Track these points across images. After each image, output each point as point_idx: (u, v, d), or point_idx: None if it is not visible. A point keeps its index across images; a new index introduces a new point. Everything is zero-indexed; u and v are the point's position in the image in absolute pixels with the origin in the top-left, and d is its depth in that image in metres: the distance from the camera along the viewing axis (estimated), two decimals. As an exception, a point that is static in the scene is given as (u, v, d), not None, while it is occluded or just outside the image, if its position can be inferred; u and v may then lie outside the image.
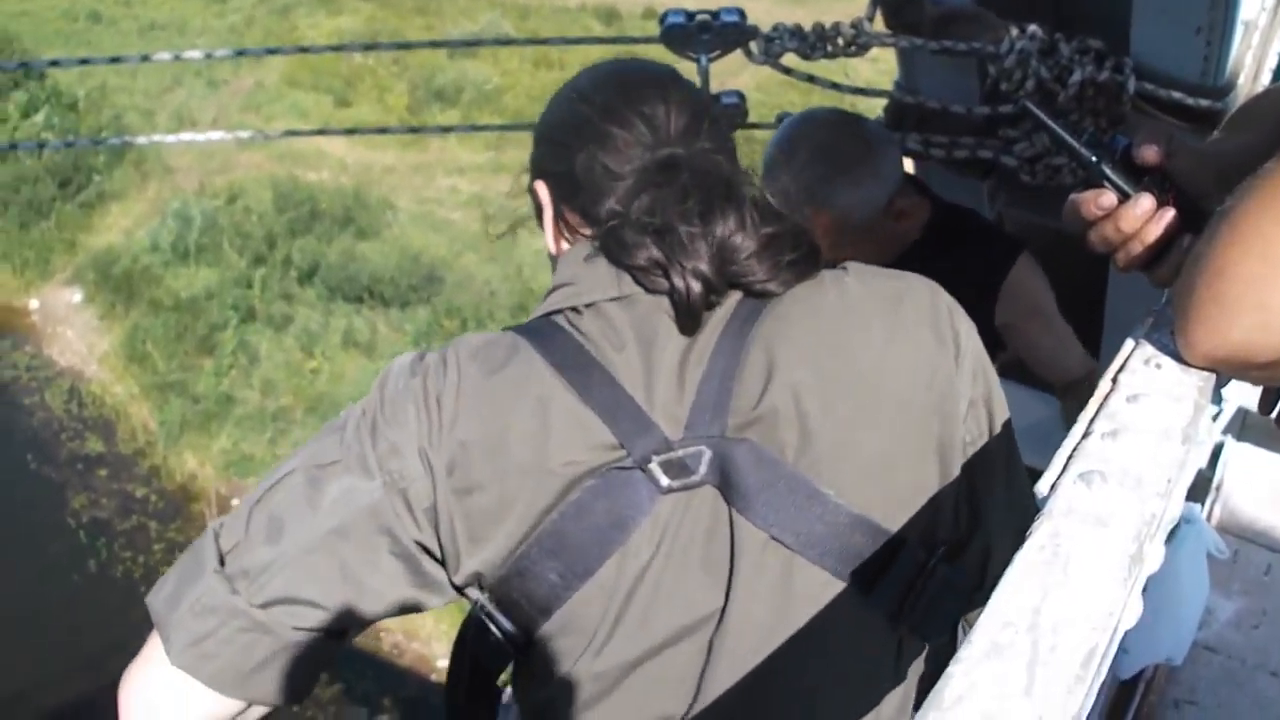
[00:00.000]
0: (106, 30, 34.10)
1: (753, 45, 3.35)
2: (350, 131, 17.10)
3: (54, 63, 6.28)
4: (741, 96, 3.37)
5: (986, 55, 2.69)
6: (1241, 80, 2.62)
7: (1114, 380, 1.41)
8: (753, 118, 3.69)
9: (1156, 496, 1.18)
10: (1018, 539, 1.11)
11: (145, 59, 4.29)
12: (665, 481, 1.55)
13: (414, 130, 26.08)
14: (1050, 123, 1.75)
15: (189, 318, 23.42)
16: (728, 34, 3.28)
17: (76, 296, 25.47)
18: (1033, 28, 2.64)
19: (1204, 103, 2.52)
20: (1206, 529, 4.39)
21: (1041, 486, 1.23)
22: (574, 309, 1.66)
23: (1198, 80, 2.54)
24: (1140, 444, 1.27)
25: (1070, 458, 1.26)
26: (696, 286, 1.60)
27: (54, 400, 23.16)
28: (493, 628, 1.65)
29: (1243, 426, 5.71)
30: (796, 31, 3.38)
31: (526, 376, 1.60)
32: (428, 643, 18.57)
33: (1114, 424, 1.30)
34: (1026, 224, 3.58)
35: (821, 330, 1.64)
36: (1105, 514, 1.14)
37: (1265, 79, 2.82)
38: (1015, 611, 1.01)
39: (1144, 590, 3.93)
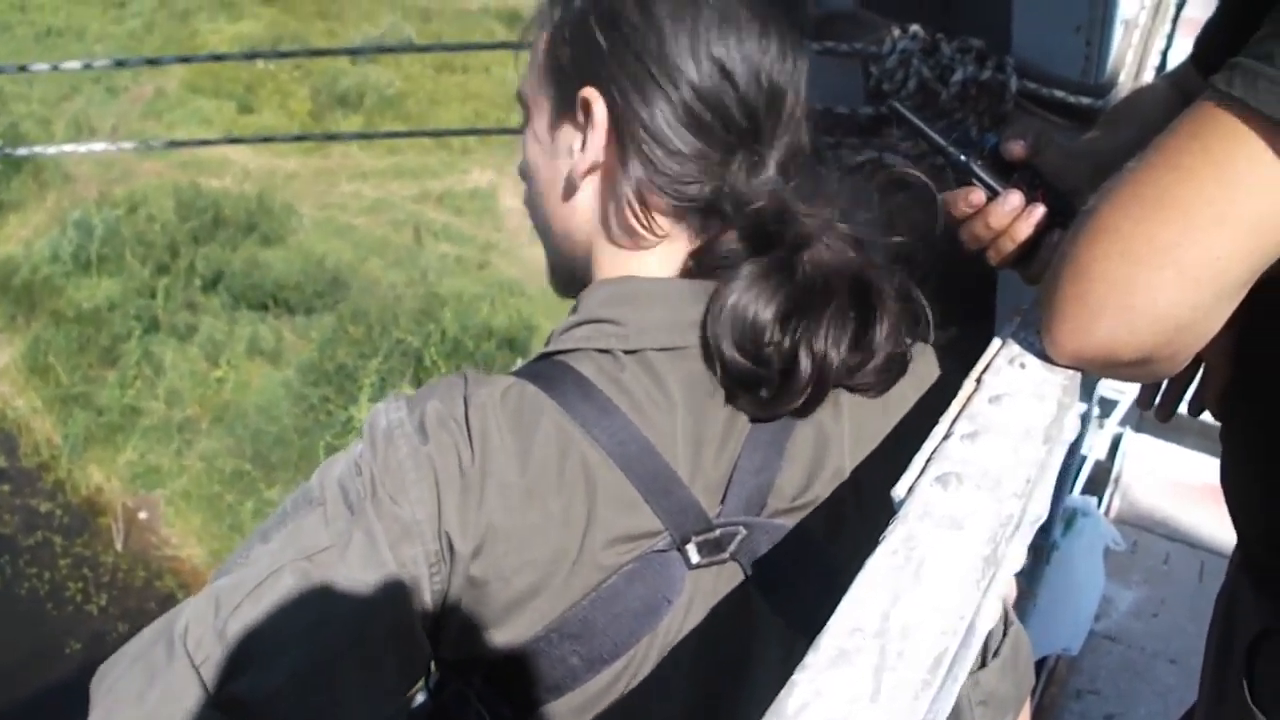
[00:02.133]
0: (1, 36, 33.63)
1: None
2: (268, 140, 16.77)
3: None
4: None
5: (869, 56, 2.70)
6: (1123, 78, 2.66)
7: (978, 380, 1.40)
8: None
9: (1014, 497, 1.17)
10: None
11: (54, 68, 4.32)
12: (696, 559, 1.43)
13: (331, 137, 25.97)
14: (917, 122, 1.76)
15: (91, 329, 23.12)
16: None
17: (-26, 309, 25.12)
18: (914, 28, 2.64)
19: (1085, 100, 2.56)
20: (1103, 522, 4.51)
21: (899, 490, 1.21)
22: (609, 353, 1.44)
23: (1079, 78, 2.57)
24: (1000, 445, 1.26)
25: (929, 460, 1.24)
26: (744, 407, 1.44)
27: (-49, 415, 22.84)
28: (477, 704, 1.48)
29: (1141, 418, 5.85)
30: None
31: (563, 446, 1.37)
32: None
33: (975, 425, 1.29)
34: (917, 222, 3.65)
35: (863, 420, 1.52)
36: (960, 516, 1.14)
37: (1148, 76, 2.86)
38: (864, 617, 1.00)
39: (1038, 583, 4.09)
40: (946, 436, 1.28)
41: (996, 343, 1.48)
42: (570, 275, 1.60)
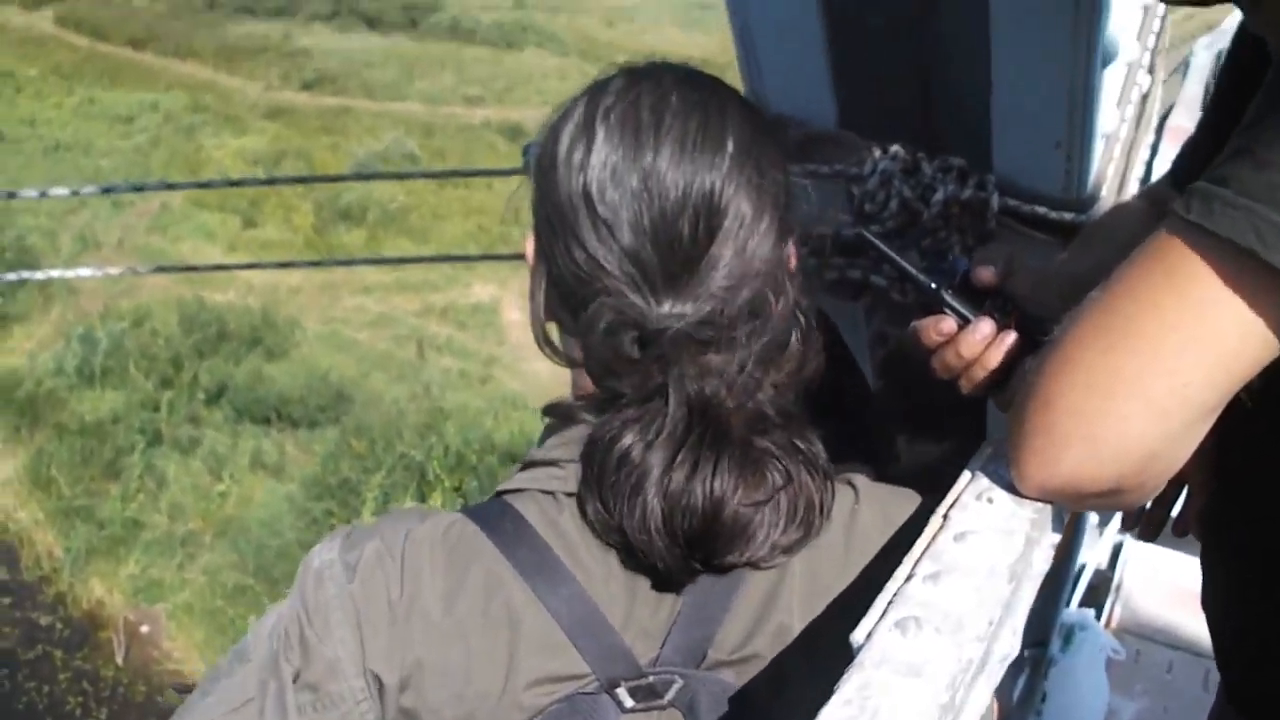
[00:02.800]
0: (10, 150, 34.05)
1: None
2: (289, 265, 16.88)
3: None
4: None
5: (850, 177, 2.67)
6: (1105, 193, 2.62)
7: (945, 517, 1.36)
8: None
9: (976, 640, 1.14)
10: None
11: (75, 193, 4.48)
12: (629, 704, 1.41)
13: (344, 263, 26.22)
14: (887, 251, 1.75)
15: (95, 442, 23.16)
16: None
17: (-22, 421, 25.20)
18: (895, 148, 2.61)
19: (1068, 216, 2.52)
20: (1103, 634, 4.47)
21: (857, 635, 1.17)
22: (552, 495, 1.45)
23: (1060, 194, 2.52)
24: (963, 585, 1.22)
25: (889, 603, 1.20)
26: (671, 565, 1.40)
27: (-46, 528, 22.81)
28: None
29: (1141, 526, 5.77)
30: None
31: (491, 587, 1.40)
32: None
33: (938, 565, 1.25)
34: (907, 339, 3.54)
35: (819, 572, 1.49)
36: (919, 662, 1.10)
37: (1132, 188, 2.87)
38: (817, 771, 0.92)
39: (1041, 699, 4.11)
40: (909, 578, 1.24)
41: (966, 476, 1.45)
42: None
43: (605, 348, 1.37)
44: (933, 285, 1.69)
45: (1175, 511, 1.94)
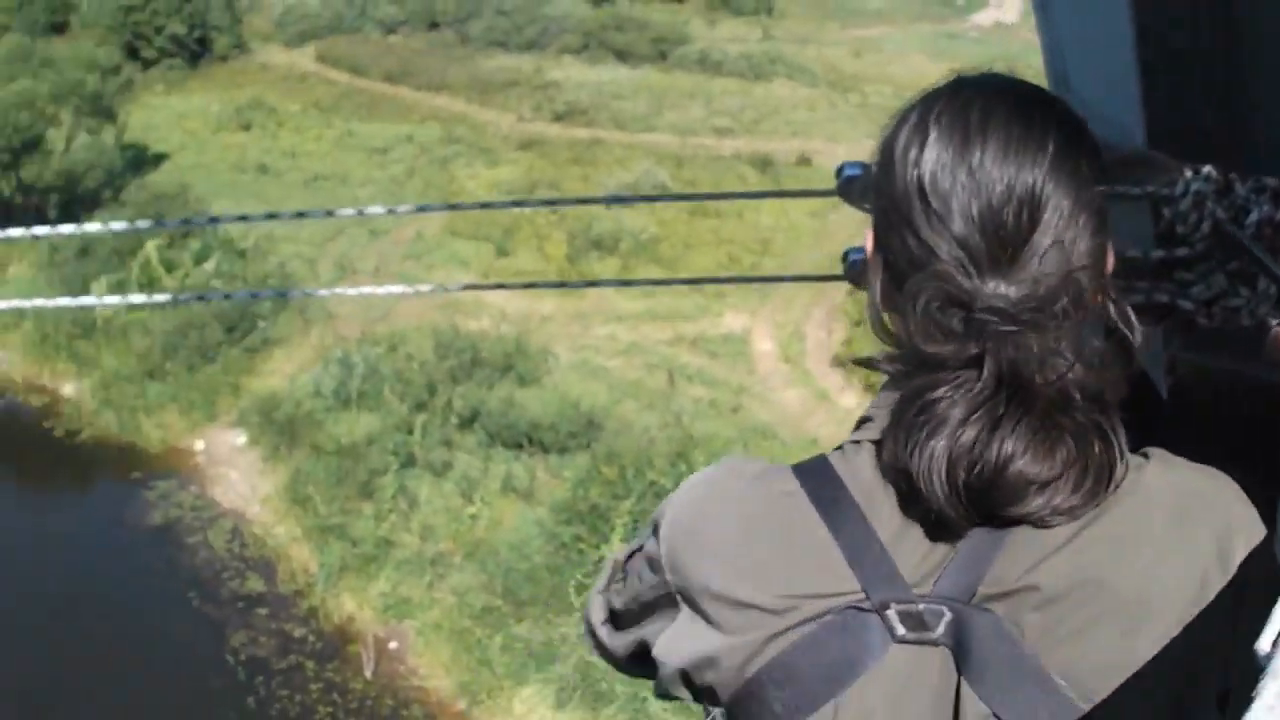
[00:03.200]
0: (273, 181, 35.32)
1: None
2: (561, 284, 17.04)
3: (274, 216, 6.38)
4: None
5: (1160, 198, 2.52)
6: None
7: None
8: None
9: None
10: None
11: (329, 214, 4.33)
12: (900, 631, 1.50)
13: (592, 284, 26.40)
14: (1260, 255, 1.75)
15: (350, 462, 23.73)
16: None
17: (240, 439, 26.06)
18: (1207, 168, 2.46)
19: None
20: None
21: (1263, 644, 1.12)
22: (856, 443, 1.60)
23: None
24: None
25: None
26: (949, 513, 1.48)
27: (217, 540, 23.59)
28: None
29: None
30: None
31: (785, 509, 1.57)
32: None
33: None
34: (1201, 368, 3.48)
35: (1097, 530, 1.52)
36: None
37: None
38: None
39: None
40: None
41: None
42: None
43: (932, 323, 1.49)
44: None
45: None
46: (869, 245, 1.65)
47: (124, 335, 28.98)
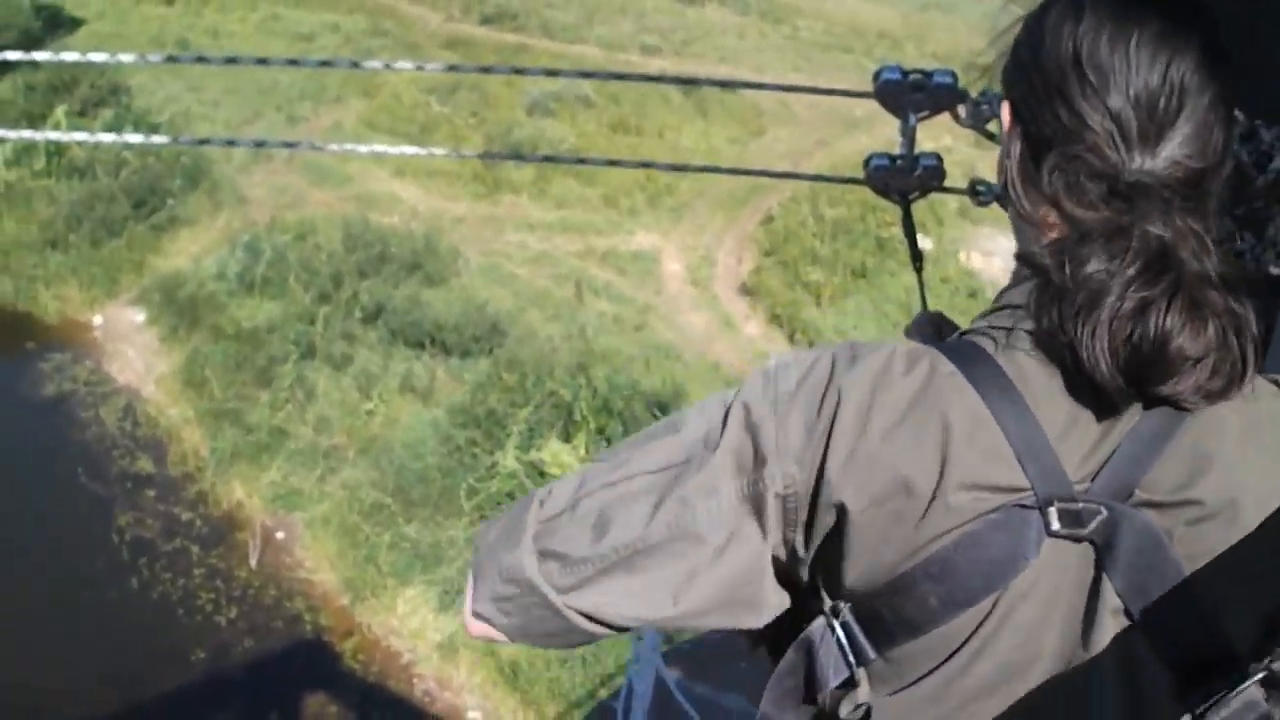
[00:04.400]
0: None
1: (961, 109, 3.29)
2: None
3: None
4: (940, 159, 3.32)
5: None
6: None
7: None
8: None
9: None
10: None
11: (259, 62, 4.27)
12: (1055, 526, 1.53)
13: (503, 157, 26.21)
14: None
15: (249, 348, 23.53)
16: (940, 95, 3.25)
17: (140, 317, 25.69)
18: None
19: None
20: None
21: None
22: (1009, 330, 1.62)
23: None
24: None
25: None
26: (1109, 386, 1.52)
27: (109, 417, 23.31)
28: (839, 636, 1.65)
29: None
30: (1007, 98, 3.37)
31: (946, 397, 1.56)
32: (459, 693, 18.49)
33: None
34: None
35: (1251, 440, 1.58)
36: None
37: None
38: None
39: None
40: None
41: None
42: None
43: (1080, 192, 1.55)
44: None
45: None
46: (1005, 119, 1.70)
47: (27, 202, 28.34)
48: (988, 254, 25.90)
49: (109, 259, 26.81)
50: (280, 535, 20.95)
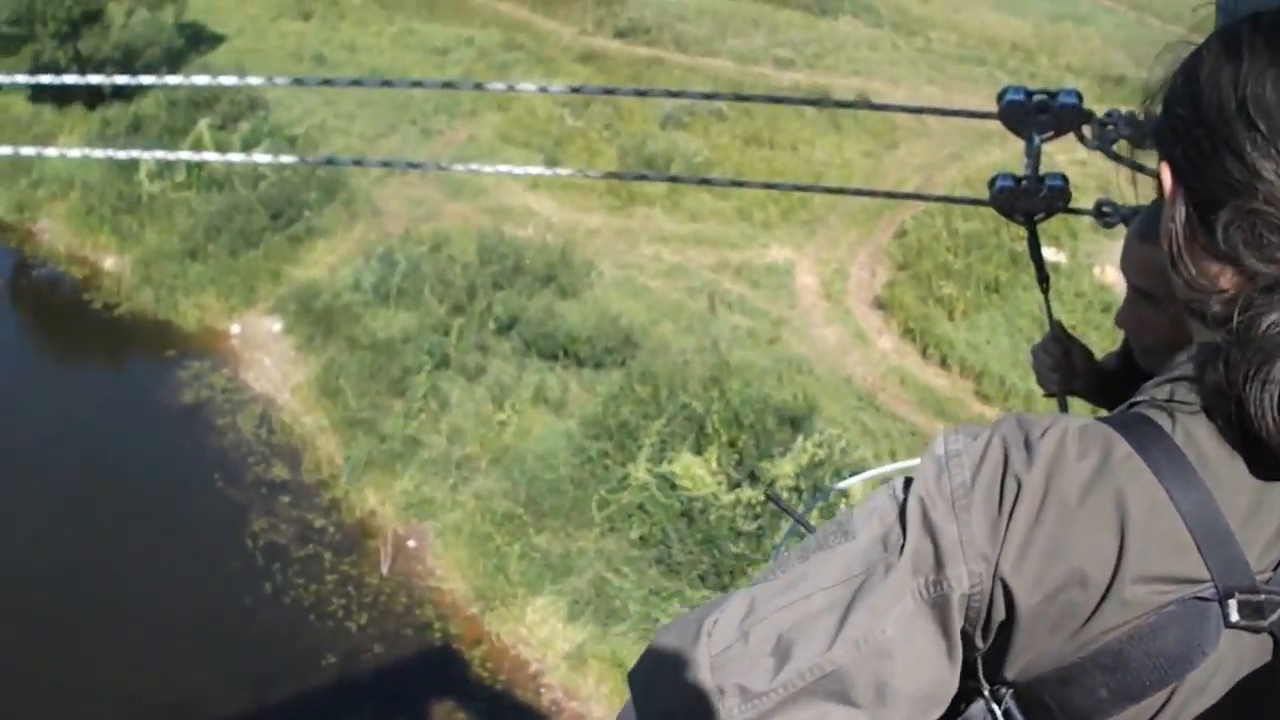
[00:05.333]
0: (329, 72, 35.28)
1: (1086, 129, 3.32)
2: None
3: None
4: (1065, 180, 3.31)
5: None
6: None
7: None
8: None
9: None
10: None
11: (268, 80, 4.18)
12: (1235, 618, 1.43)
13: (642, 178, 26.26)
14: None
15: (384, 358, 23.81)
16: (1064, 115, 3.25)
17: (277, 326, 26.14)
18: None
19: None
20: None
21: None
22: (1184, 404, 1.49)
23: None
24: None
25: None
26: (1276, 440, 1.40)
27: (245, 424, 23.75)
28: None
29: None
30: (1131, 119, 3.33)
31: (1122, 482, 1.44)
32: (586, 702, 18.45)
33: None
34: None
35: None
36: None
37: None
38: None
39: None
40: None
41: None
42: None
43: (1261, 246, 1.43)
44: None
45: None
46: (1166, 182, 1.58)
47: (168, 213, 29.11)
48: (1127, 269, 25.40)
49: (247, 269, 27.38)
50: (412, 543, 21.13)
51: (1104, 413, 1.61)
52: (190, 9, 37.78)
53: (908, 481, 1.54)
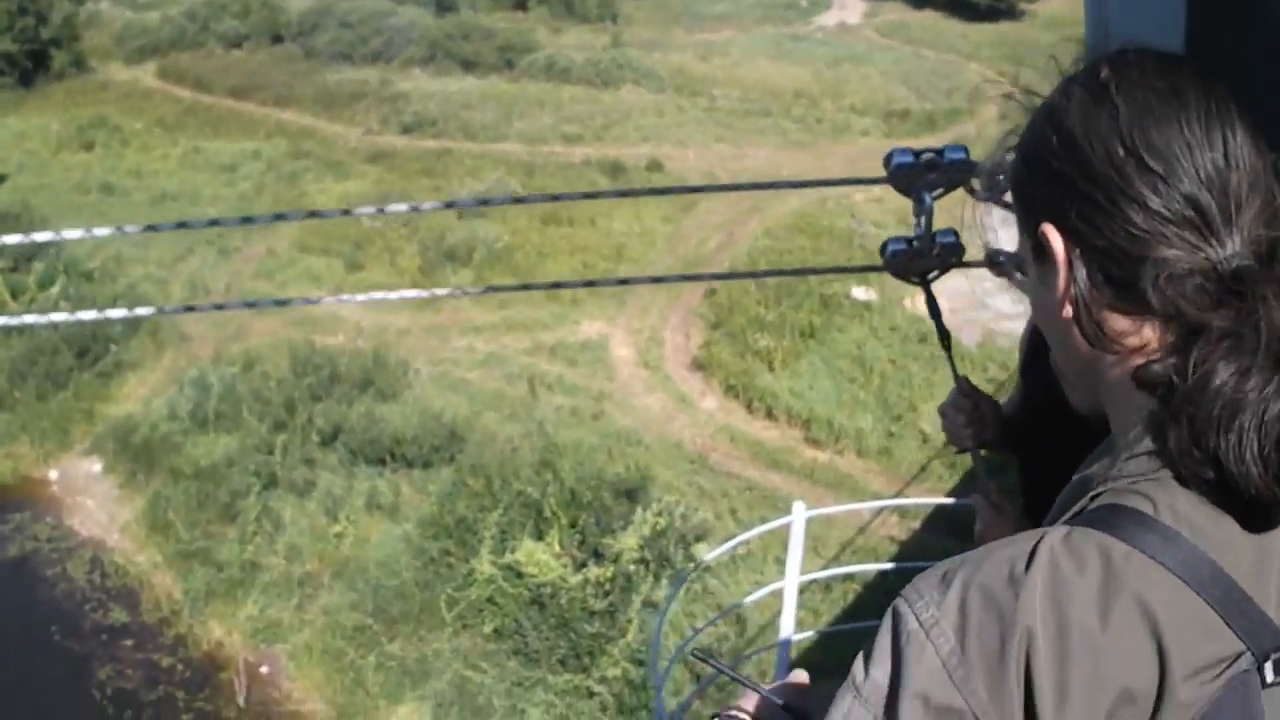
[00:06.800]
0: (119, 201, 34.74)
1: (974, 182, 3.10)
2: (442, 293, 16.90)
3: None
4: (956, 234, 3.26)
5: None
6: None
7: None
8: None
9: None
10: None
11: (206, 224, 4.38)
12: (1271, 678, 1.39)
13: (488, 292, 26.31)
14: None
15: (210, 485, 23.46)
16: (953, 171, 3.23)
17: (96, 466, 25.59)
18: None
19: None
20: None
21: None
22: (1152, 480, 1.44)
23: None
24: None
25: None
26: (1266, 497, 1.38)
27: (76, 571, 23.10)
28: None
29: None
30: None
31: (1135, 585, 1.37)
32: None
33: None
34: None
35: None
36: None
37: None
38: None
39: None
40: None
41: None
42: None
43: (1180, 295, 1.42)
44: None
45: None
46: (1056, 247, 1.52)
47: (-32, 365, 28.29)
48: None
49: (58, 412, 26.71)
50: (265, 669, 20.77)
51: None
52: (-37, 149, 36.95)
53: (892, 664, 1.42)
